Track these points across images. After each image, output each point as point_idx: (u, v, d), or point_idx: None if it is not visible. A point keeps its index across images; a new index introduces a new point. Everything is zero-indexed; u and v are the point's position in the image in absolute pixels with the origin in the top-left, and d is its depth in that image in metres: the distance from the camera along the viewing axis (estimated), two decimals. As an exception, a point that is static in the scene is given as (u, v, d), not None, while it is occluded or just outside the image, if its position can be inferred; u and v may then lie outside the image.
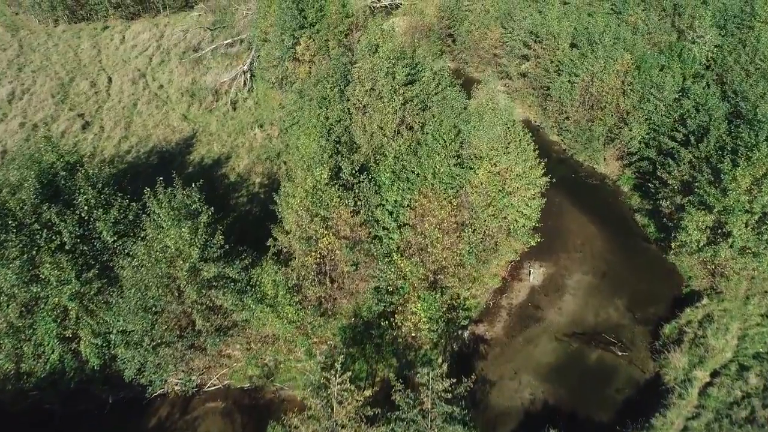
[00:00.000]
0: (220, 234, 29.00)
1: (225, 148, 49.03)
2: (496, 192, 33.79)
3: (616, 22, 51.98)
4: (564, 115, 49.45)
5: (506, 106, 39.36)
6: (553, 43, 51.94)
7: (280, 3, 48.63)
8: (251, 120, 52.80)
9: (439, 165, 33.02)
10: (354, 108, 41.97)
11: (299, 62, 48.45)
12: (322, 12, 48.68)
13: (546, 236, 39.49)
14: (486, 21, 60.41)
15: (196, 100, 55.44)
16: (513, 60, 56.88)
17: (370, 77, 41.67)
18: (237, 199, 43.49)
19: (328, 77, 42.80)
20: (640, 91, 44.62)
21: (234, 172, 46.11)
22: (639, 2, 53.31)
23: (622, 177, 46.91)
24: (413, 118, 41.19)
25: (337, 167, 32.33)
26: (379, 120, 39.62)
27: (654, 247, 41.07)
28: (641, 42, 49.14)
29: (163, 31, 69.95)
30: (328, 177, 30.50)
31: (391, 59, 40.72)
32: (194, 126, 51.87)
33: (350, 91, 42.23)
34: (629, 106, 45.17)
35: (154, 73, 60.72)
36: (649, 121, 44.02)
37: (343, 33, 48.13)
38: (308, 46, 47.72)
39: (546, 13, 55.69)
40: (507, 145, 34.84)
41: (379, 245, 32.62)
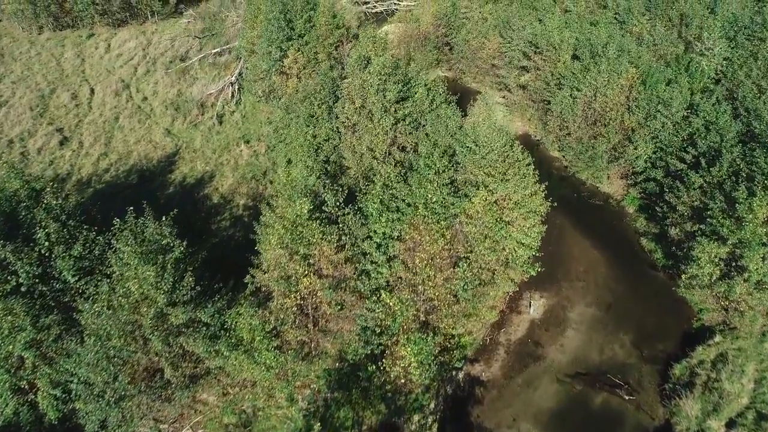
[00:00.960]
0: (191, 276, 26.24)
1: (209, 166, 46.31)
2: (493, 222, 31.09)
3: (619, 32, 49.25)
4: (565, 130, 46.74)
5: (504, 126, 36.53)
6: (553, 54, 49.23)
7: (267, 13, 45.92)
8: (237, 135, 50.08)
9: (431, 194, 30.33)
10: (343, 126, 39.35)
11: (287, 76, 45.72)
12: (311, 23, 45.96)
13: (546, 263, 36.76)
14: (484, 30, 57.69)
15: (181, 113, 52.70)
16: (512, 71, 54.16)
17: (360, 94, 39.08)
18: (219, 222, 40.79)
19: (316, 93, 40.14)
20: (646, 107, 41.90)
21: (217, 192, 43.39)
22: (644, 11, 50.54)
23: (627, 197, 44.21)
24: (405, 138, 38.58)
25: (321, 199, 29.53)
26: (368, 141, 36.97)
27: (661, 274, 38.38)
28: (646, 54, 46.43)
29: (150, 39, 67.22)
30: (309, 210, 27.75)
31: (382, 75, 38.06)
32: (177, 142, 49.14)
33: (339, 109, 39.62)
34: (634, 123, 42.46)
35: (138, 84, 57.98)
36: (655, 139, 41.34)
37: (333, 45, 45.42)
38: (296, 59, 45.00)
39: (546, 22, 53.04)
40: (505, 171, 32.12)
41: (366, 280, 29.93)
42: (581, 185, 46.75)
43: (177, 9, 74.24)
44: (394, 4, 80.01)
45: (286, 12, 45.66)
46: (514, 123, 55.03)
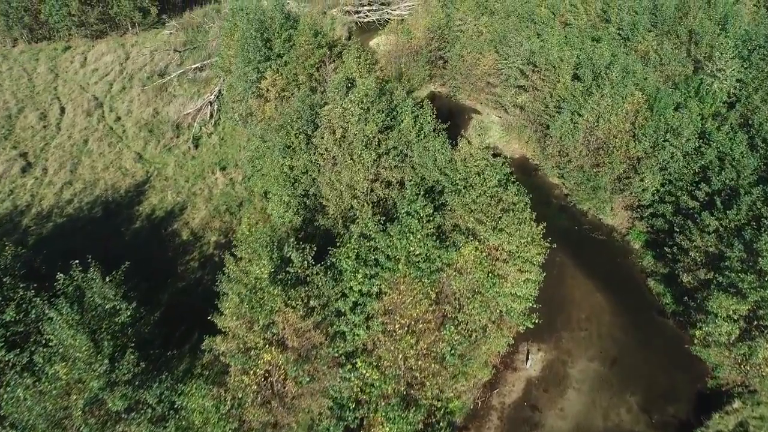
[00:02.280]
0: (132, 354, 22.52)
1: (180, 196, 42.58)
2: (484, 278, 27.37)
3: (623, 50, 45.47)
4: (565, 157, 42.99)
5: (498, 160, 32.81)
6: (552, 74, 45.48)
7: (244, 31, 42.16)
8: (214, 161, 46.35)
9: (414, 246, 26.60)
10: (322, 159, 35.61)
11: (265, 99, 41.97)
12: (291, 42, 42.18)
13: (545, 309, 32.97)
14: (479, 45, 53.90)
15: (155, 136, 48.96)
16: (508, 90, 50.39)
17: (341, 123, 35.35)
18: (187, 263, 37.06)
19: (292, 122, 36.38)
20: (654, 135, 38.15)
21: (187, 228, 39.65)
22: (649, 27, 46.75)
23: (633, 231, 40.45)
24: (390, 172, 34.83)
25: (286, 257, 25.68)
26: (348, 177, 33.22)
27: (671, 322, 34.69)
28: (653, 75, 42.67)
29: (129, 52, 63.48)
30: (271, 273, 24.01)
31: (365, 103, 34.33)
32: (149, 168, 45.40)
33: (318, 139, 35.87)
34: (640, 152, 38.72)
35: (112, 103, 54.25)
36: (664, 171, 37.62)
37: (314, 65, 41.65)
38: (274, 81, 41.23)
39: (546, 37, 49.32)
40: (498, 219, 28.39)
41: (341, 342, 26.19)
42: (582, 216, 43.01)
43: (160, 19, 70.50)
44: (387, 13, 76.37)
45: (264, 30, 41.89)
46: (511, 145, 51.34)
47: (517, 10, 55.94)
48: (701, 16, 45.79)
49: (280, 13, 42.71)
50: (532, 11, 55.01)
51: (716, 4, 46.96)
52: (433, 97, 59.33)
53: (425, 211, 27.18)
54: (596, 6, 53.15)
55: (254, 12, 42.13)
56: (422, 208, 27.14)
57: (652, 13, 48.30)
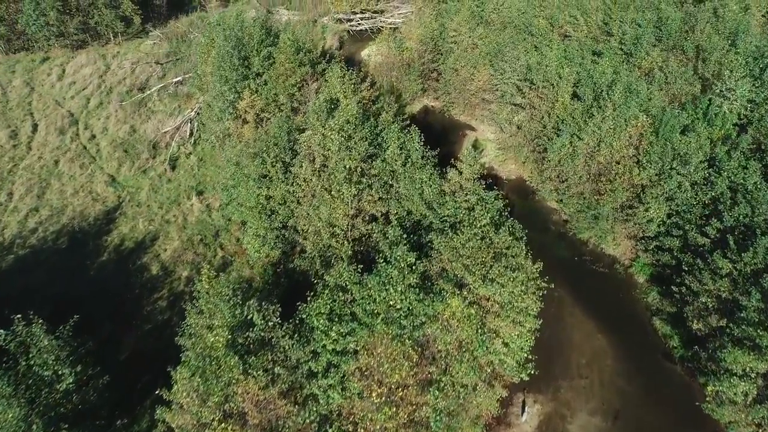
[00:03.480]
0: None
1: (153, 224, 39.61)
2: (473, 334, 24.41)
3: (626, 67, 42.43)
4: (564, 183, 40.00)
5: (491, 196, 29.86)
6: (551, 92, 42.48)
7: (220, 48, 39.18)
8: (191, 184, 43.38)
9: (394, 299, 23.64)
10: (299, 190, 32.69)
11: (243, 120, 39.00)
12: (271, 60, 39.18)
13: (542, 353, 30.12)
14: (473, 59, 50.91)
15: (130, 156, 46.02)
16: (504, 107, 47.34)
17: (321, 152, 32.43)
18: (155, 302, 34.12)
19: (268, 149, 33.43)
20: (659, 162, 35.17)
21: (157, 261, 36.70)
22: (654, 42, 43.71)
23: (637, 263, 37.48)
24: (373, 206, 31.89)
25: (248, 320, 22.66)
26: (327, 213, 30.27)
27: (679, 369, 31.74)
28: (657, 95, 39.63)
29: (109, 64, 60.50)
30: (228, 340, 21.06)
31: (346, 130, 31.40)
32: (121, 193, 42.44)
33: (297, 168, 32.96)
34: (645, 179, 35.75)
35: (88, 119, 51.31)
36: (670, 201, 34.64)
37: (295, 85, 38.66)
38: (253, 102, 38.25)
39: (544, 51, 46.34)
40: (489, 267, 25.42)
41: (314, 407, 23.24)
42: (583, 245, 40.01)
43: (144, 29, 67.52)
44: (380, 21, 73.37)
45: (241, 48, 38.88)
46: (507, 165, 48.36)
47: (513, 21, 52.94)
48: (709, 30, 42.77)
49: (259, 28, 39.67)
50: (529, 22, 51.99)
51: (725, 18, 43.92)
52: (426, 111, 56.46)
53: (407, 260, 24.19)
54: (597, 18, 50.10)
55: (230, 28, 39.13)
56: (404, 257, 24.14)
57: (656, 26, 45.25)
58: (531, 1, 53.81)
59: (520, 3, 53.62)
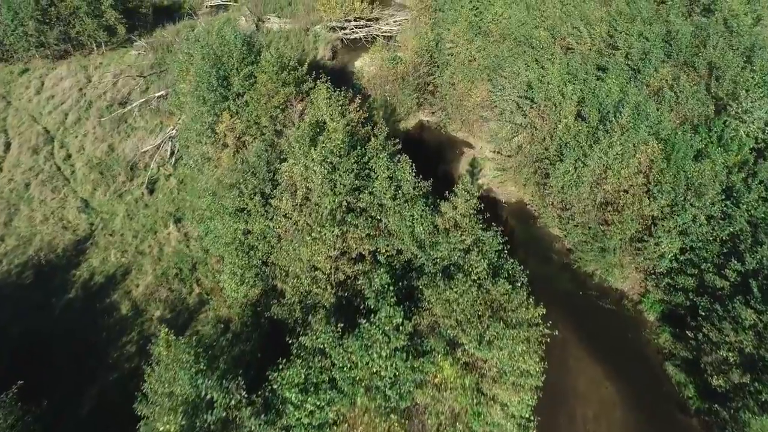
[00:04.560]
0: None
1: (126, 256, 36.61)
2: (467, 402, 21.45)
3: (634, 84, 39.38)
4: (568, 211, 37.01)
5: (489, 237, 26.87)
6: (553, 112, 39.47)
7: (197, 67, 36.14)
8: (169, 209, 40.35)
9: (378, 366, 20.67)
10: (279, 226, 29.71)
11: (222, 144, 35.99)
12: (252, 79, 36.13)
13: (544, 404, 27.06)
14: (471, 73, 47.90)
15: (106, 179, 42.98)
16: (504, 125, 44.31)
17: (304, 183, 29.44)
18: (123, 347, 31.14)
19: (246, 181, 30.43)
20: (671, 192, 32.18)
21: (128, 299, 33.70)
22: (663, 58, 40.63)
23: (646, 299, 34.49)
24: (360, 243, 28.89)
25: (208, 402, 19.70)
26: (308, 254, 27.28)
27: (695, 422, 28.78)
28: (668, 116, 36.61)
29: (91, 76, 57.46)
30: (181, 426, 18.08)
31: (330, 161, 28.42)
32: (94, 220, 39.43)
33: (276, 201, 29.96)
34: (656, 210, 32.74)
35: (64, 137, 48.30)
36: (684, 235, 31.64)
37: (278, 107, 35.62)
38: (232, 124, 35.24)
39: (545, 65, 43.40)
40: (486, 326, 22.42)
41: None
42: (588, 278, 37.01)
43: (130, 38, 64.42)
44: (376, 29, 70.33)
45: (220, 66, 35.82)
46: (507, 186, 45.35)
47: (513, 33, 49.85)
48: (722, 45, 39.71)
49: (239, 45, 36.61)
50: (530, 34, 48.89)
51: (739, 32, 40.84)
52: (422, 127, 53.46)
53: (393, 321, 21.20)
54: (601, 30, 46.98)
55: (208, 45, 36.09)
56: (389, 319, 21.14)
57: (665, 40, 42.20)
58: (531, 12, 50.71)
59: (520, 13, 50.53)
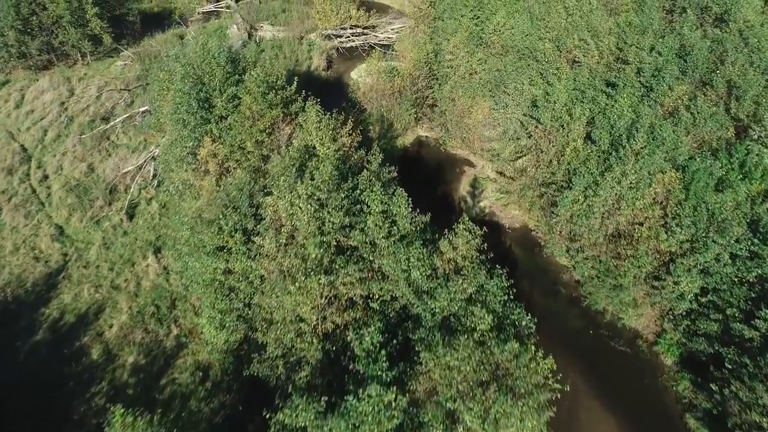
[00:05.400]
0: None
1: (100, 291, 33.72)
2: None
3: (647, 104, 36.48)
4: (577, 242, 34.14)
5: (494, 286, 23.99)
6: (560, 134, 36.60)
7: (178, 86, 33.23)
8: (149, 238, 37.46)
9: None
10: (262, 268, 26.84)
11: (204, 171, 33.10)
12: (236, 101, 33.22)
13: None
14: (472, 88, 45.00)
15: (83, 203, 40.08)
16: (507, 145, 41.42)
17: (289, 220, 26.56)
18: (91, 399, 28.23)
19: (226, 217, 27.54)
20: (692, 227, 29.30)
21: (100, 341, 30.80)
22: (677, 75, 37.71)
23: (663, 339, 31.58)
24: (350, 288, 25.99)
25: None
26: (292, 303, 24.40)
27: (720, 486, 25.95)
28: (684, 139, 33.73)
29: (74, 89, 54.60)
30: None
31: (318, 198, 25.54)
32: (68, 250, 36.55)
33: (260, 238, 27.08)
34: (675, 246, 29.88)
35: (42, 156, 45.41)
36: (706, 275, 28.78)
37: (264, 131, 32.72)
38: (214, 150, 32.35)
39: (551, 80, 40.61)
40: (492, 400, 19.56)
41: None
42: (598, 315, 34.12)
43: (117, 47, 61.52)
44: (373, 36, 67.51)
45: (201, 87, 32.90)
46: (510, 210, 42.44)
47: (516, 45, 46.94)
48: (741, 62, 36.82)
49: (224, 62, 33.69)
50: (534, 46, 45.98)
51: (759, 48, 37.92)
52: (420, 143, 50.54)
53: (384, 399, 18.31)
54: (609, 42, 44.07)
55: (189, 64, 33.16)
56: (379, 397, 18.26)
57: (679, 56, 39.30)
58: (535, 22, 47.79)
59: (524, 24, 47.58)
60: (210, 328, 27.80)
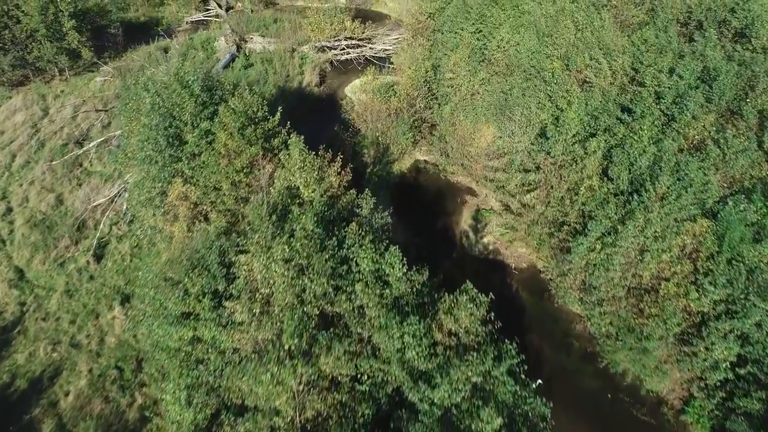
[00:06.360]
0: None
1: (57, 350, 29.80)
2: None
3: (669, 135, 32.55)
4: (593, 294, 30.21)
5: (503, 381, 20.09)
6: (573, 170, 32.68)
7: (147, 117, 29.25)
8: (118, 284, 33.55)
9: None
10: (233, 340, 22.94)
11: (174, 216, 29.17)
12: (210, 137, 29.25)
13: None
14: (475, 112, 41.03)
15: (48, 242, 36.16)
16: (513, 176, 37.43)
17: (265, 284, 22.72)
18: (37, 489, 24.36)
19: (192, 279, 23.61)
20: (727, 287, 25.39)
21: (53, 414, 26.84)
22: (701, 103, 33.69)
23: (692, 406, 27.66)
24: (336, 365, 22.08)
25: None
26: (265, 393, 20.50)
27: None
28: (714, 179, 29.80)
29: (48, 108, 50.64)
30: None
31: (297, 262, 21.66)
32: (27, 298, 32.64)
33: (231, 304, 23.19)
34: (707, 307, 25.98)
35: (8, 185, 41.47)
36: (745, 342, 24.88)
37: (242, 170, 28.76)
38: (186, 193, 28.41)
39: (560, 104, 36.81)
40: None
41: None
42: (617, 376, 30.22)
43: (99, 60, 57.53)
44: (369, 48, 63.60)
45: (171, 121, 28.90)
46: (515, 247, 38.53)
47: (522, 64, 42.98)
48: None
49: (197, 92, 29.69)
50: (541, 66, 42.00)
51: (793, 72, 34.06)
52: (418, 169, 46.61)
53: None
54: (624, 62, 40.05)
55: (157, 94, 29.15)
56: None
57: (702, 80, 35.33)
58: (542, 39, 43.81)
59: (530, 41, 43.63)
60: (175, 407, 23.84)
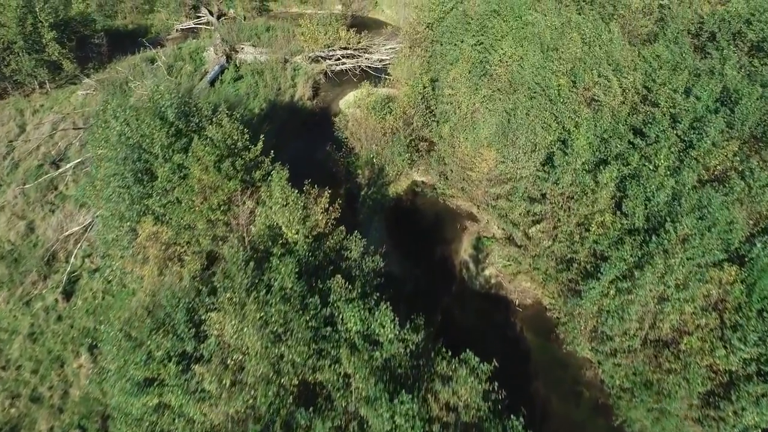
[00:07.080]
0: None
1: (16, 405, 26.90)
2: None
3: (688, 165, 29.61)
4: (606, 345, 27.29)
5: None
6: (583, 202, 29.77)
7: (109, 156, 26.31)
8: (87, 325, 30.65)
9: None
10: (201, 413, 20.05)
11: (143, 258, 26.26)
12: (184, 171, 26.31)
13: None
14: (476, 133, 38.09)
15: (14, 278, 33.25)
16: (518, 203, 34.53)
17: (237, 349, 19.87)
18: None
19: (157, 341, 20.73)
20: (758, 344, 22.50)
21: (6, 483, 24.06)
22: (722, 128, 30.71)
23: (714, 472, 24.78)
24: None
25: None
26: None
27: None
28: (740, 215, 26.88)
29: (25, 124, 47.78)
30: None
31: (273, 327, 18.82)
32: (-14, 343, 29.78)
33: (200, 369, 20.33)
34: (735, 365, 23.08)
35: (-24, 211, 38.52)
36: (780, 409, 21.99)
37: (218, 208, 25.84)
38: (156, 233, 25.50)
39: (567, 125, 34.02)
40: None
41: None
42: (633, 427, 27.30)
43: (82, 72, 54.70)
44: (365, 59, 60.76)
45: (140, 154, 25.96)
46: (519, 281, 35.60)
47: (526, 81, 40.07)
48: (801, 114, 30.08)
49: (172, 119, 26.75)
50: (547, 83, 39.08)
51: (822, 97, 31.12)
52: (415, 192, 43.66)
53: None
54: (635, 79, 37.08)
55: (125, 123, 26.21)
56: None
57: (722, 102, 32.41)
58: (547, 53, 40.92)
59: (534, 56, 40.73)
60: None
